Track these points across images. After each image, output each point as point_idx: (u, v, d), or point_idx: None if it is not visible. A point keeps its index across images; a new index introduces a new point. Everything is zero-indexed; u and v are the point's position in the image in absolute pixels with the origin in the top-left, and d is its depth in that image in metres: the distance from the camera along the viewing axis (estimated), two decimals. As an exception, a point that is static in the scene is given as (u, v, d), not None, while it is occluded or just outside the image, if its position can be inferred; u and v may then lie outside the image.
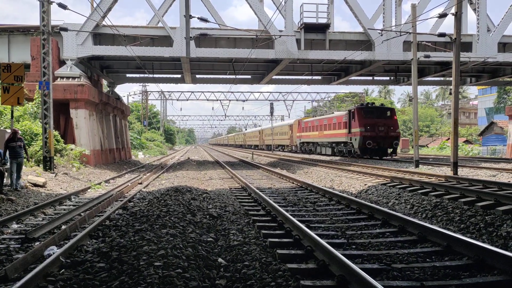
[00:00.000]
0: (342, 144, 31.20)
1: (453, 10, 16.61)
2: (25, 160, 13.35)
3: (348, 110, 30.52)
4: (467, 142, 54.51)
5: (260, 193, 10.66)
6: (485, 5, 23.39)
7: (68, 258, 5.38)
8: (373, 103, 31.21)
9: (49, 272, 4.77)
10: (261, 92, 63.36)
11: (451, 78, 17.22)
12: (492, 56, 23.22)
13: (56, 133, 19.73)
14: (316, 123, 37.85)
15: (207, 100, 61.03)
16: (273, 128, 58.89)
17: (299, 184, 14.15)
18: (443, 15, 18.78)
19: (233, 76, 29.07)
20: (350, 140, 29.05)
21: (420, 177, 14.80)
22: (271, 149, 60.37)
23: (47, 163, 16.99)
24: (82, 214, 8.98)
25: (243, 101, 62.34)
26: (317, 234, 6.06)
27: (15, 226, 7.77)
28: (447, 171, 16.69)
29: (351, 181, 14.78)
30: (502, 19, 23.63)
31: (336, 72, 29.79)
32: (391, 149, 28.18)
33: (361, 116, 27.72)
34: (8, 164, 12.53)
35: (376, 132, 27.28)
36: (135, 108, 66.73)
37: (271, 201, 9.02)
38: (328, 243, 5.53)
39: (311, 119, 40.76)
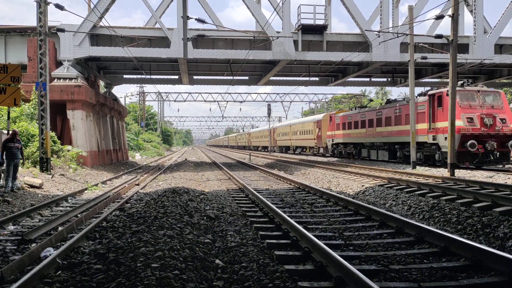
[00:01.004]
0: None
1: (450, 12, 16.69)
2: (20, 161, 13.30)
3: (427, 93, 21.04)
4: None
5: (258, 194, 10.66)
6: (481, 7, 23.49)
7: (64, 259, 5.36)
8: (471, 82, 21.17)
9: (46, 273, 4.75)
10: (258, 93, 63.17)
11: (448, 80, 17.26)
12: (489, 57, 23.31)
13: (53, 134, 19.68)
14: (361, 117, 27.95)
15: (205, 101, 61.03)
16: (291, 125, 47.81)
17: (296, 185, 14.15)
18: (440, 17, 18.84)
19: (231, 77, 29.07)
20: (433, 139, 19.76)
21: (417, 178, 14.84)
22: (284, 151, 51.49)
23: (44, 164, 16.93)
24: (79, 215, 8.94)
25: (241, 102, 62.37)
26: (314, 236, 6.06)
27: (11, 227, 7.74)
28: (444, 172, 16.73)
29: (349, 182, 14.80)
30: (499, 20, 23.73)
31: (334, 73, 29.82)
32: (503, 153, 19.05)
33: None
34: (5, 165, 12.48)
35: (482, 128, 18.43)
36: (132, 109, 66.63)
37: (268, 202, 9.01)
38: (325, 244, 5.54)
39: (352, 112, 30.20)
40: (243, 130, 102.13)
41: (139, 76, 31.53)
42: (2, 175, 12.62)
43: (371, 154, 26.81)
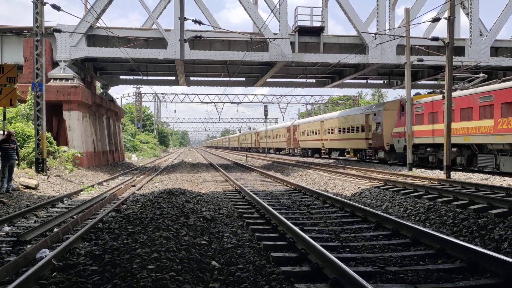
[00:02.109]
0: None
1: (446, 15, 16.75)
2: (16, 162, 13.25)
3: None
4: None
5: (254, 195, 10.65)
6: (477, 10, 23.61)
7: (60, 261, 5.33)
8: None
9: (41, 275, 4.73)
10: (255, 95, 63.22)
11: (444, 82, 17.32)
12: (485, 60, 23.42)
13: (49, 135, 19.60)
14: (480, 101, 17.30)
15: (201, 102, 61.00)
16: (325, 121, 35.74)
17: (293, 186, 14.15)
18: (436, 20, 18.90)
19: (228, 79, 29.06)
20: None
21: (414, 180, 14.88)
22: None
23: (40, 165, 16.86)
24: (74, 216, 8.91)
25: (237, 103, 62.39)
26: (311, 237, 6.07)
27: (6, 228, 7.70)
28: (440, 174, 16.77)
29: (345, 184, 14.81)
30: (495, 23, 23.87)
31: (330, 75, 29.88)
32: None
33: None
34: (0, 166, 12.42)
35: None
36: (129, 110, 66.55)
37: (265, 204, 9.01)
38: (322, 246, 5.53)
39: (462, 94, 18.51)
40: (240, 132, 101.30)
41: (135, 77, 31.49)
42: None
43: (503, 163, 16.10)
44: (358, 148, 29.47)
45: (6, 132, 13.26)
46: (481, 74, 20.70)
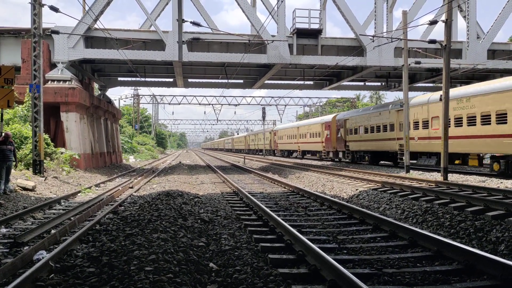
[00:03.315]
0: None
1: (443, 17, 16.82)
2: (13, 164, 13.22)
3: None
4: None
5: (252, 197, 10.65)
6: (475, 12, 23.71)
7: (57, 262, 5.32)
8: None
9: (39, 277, 4.72)
10: (253, 97, 63.43)
11: (441, 84, 17.40)
12: (482, 62, 23.50)
13: (46, 136, 19.55)
14: None
15: (199, 104, 61.13)
16: (400, 110, 21.88)
17: (290, 189, 14.16)
18: (433, 22, 18.97)
19: (226, 81, 29.09)
20: None
21: (411, 182, 14.91)
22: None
23: (37, 167, 16.81)
24: (72, 218, 8.89)
25: (235, 105, 62.46)
26: (308, 239, 6.07)
27: (3, 230, 7.68)
28: (437, 176, 16.81)
29: (343, 186, 14.83)
30: (492, 26, 23.96)
31: (328, 77, 29.93)
32: None
33: None
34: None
35: None
36: (127, 112, 66.48)
37: (262, 206, 9.01)
38: (319, 247, 5.54)
39: None
40: (237, 133, 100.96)
41: (133, 79, 31.46)
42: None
43: None
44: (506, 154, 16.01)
45: (3, 134, 13.24)
46: None
